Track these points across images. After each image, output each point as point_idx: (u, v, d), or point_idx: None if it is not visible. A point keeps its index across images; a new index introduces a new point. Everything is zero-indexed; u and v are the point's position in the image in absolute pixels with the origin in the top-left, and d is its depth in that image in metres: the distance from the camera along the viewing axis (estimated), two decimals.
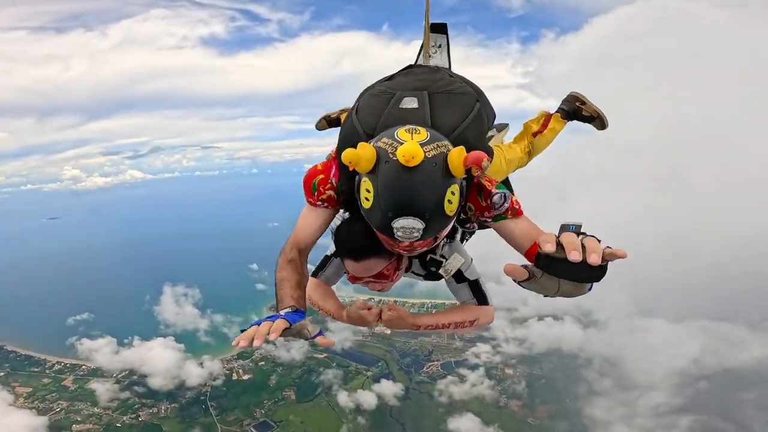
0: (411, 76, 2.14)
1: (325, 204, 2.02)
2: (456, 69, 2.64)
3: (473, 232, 2.71)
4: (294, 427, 40.30)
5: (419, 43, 3.17)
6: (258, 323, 1.45)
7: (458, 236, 2.50)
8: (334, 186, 1.98)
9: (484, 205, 1.89)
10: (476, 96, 2.05)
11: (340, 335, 48.69)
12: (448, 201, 1.57)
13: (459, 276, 2.38)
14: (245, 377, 47.90)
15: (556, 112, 3.23)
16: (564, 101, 3.27)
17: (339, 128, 2.22)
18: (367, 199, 1.62)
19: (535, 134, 3.11)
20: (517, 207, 1.93)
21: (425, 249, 1.94)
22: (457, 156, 1.52)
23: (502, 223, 1.93)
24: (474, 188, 1.89)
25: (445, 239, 2.27)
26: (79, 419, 40.94)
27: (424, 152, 1.51)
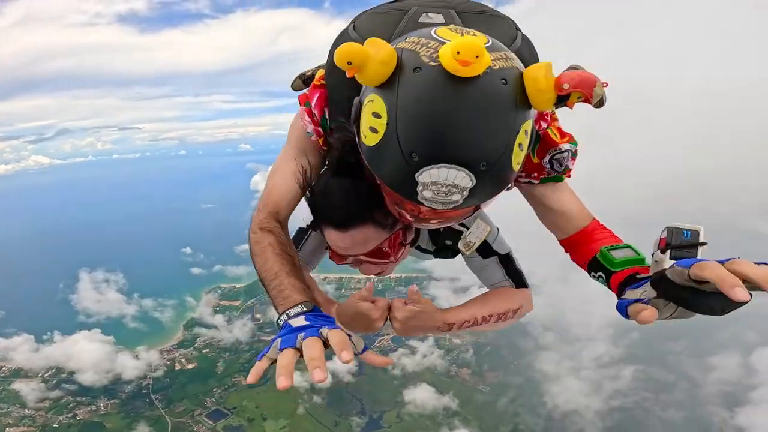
0: None
1: (312, 133, 1.43)
2: None
3: None
4: (249, 413, 39.46)
5: None
6: (291, 343, 0.93)
7: None
8: (317, 119, 1.39)
9: (536, 161, 1.33)
10: (515, 23, 1.42)
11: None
12: (519, 146, 0.96)
13: (485, 249, 1.66)
14: (189, 366, 46.02)
15: None
16: None
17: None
18: (373, 131, 0.98)
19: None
20: (570, 170, 1.41)
21: (455, 222, 1.38)
22: (543, 72, 0.93)
23: (549, 188, 1.42)
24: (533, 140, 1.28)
25: None
26: (10, 422, 38.49)
27: (491, 58, 0.90)
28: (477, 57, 0.85)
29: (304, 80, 2.48)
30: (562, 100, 1.02)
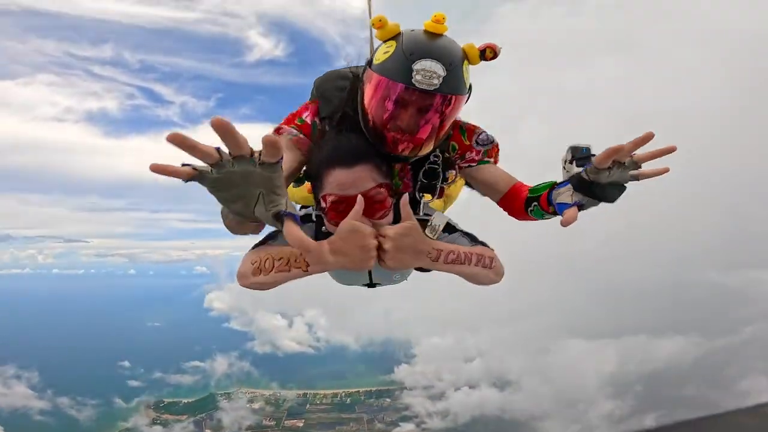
0: None
1: (297, 133, 1.76)
2: None
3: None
4: None
5: None
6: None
7: (437, 190, 1.97)
8: (308, 123, 1.79)
9: (468, 143, 1.86)
10: None
11: None
12: (465, 69, 1.58)
13: (450, 228, 1.82)
14: None
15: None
16: None
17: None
18: (385, 52, 1.57)
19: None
20: (496, 153, 1.92)
21: (429, 140, 1.66)
22: (471, 45, 1.60)
23: (485, 168, 1.89)
24: (457, 129, 1.86)
25: (424, 202, 1.85)
26: None
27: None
28: (443, 19, 1.56)
29: None
30: (482, 56, 1.61)
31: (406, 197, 1.49)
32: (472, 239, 1.81)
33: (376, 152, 1.61)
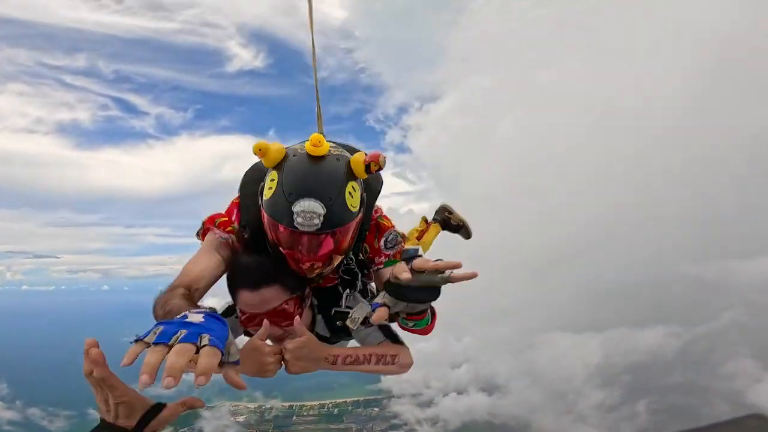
0: None
1: (226, 237, 1.86)
2: None
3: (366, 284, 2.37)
4: None
5: None
6: (166, 338, 0.90)
7: (359, 285, 2.12)
8: (235, 230, 1.90)
9: (377, 247, 1.90)
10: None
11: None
12: (349, 193, 1.60)
13: (368, 321, 1.91)
14: None
15: (432, 221, 3.48)
16: (436, 212, 3.53)
17: None
18: (270, 188, 1.61)
19: (419, 237, 3.33)
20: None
21: (327, 265, 1.74)
22: (357, 157, 1.63)
23: (387, 268, 1.88)
24: (372, 228, 1.91)
25: (349, 291, 2.02)
26: None
27: (330, 148, 1.64)
28: (320, 143, 1.58)
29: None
30: (368, 170, 1.63)
31: (297, 319, 1.71)
32: (386, 334, 2.01)
33: (284, 270, 1.71)
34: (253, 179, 1.90)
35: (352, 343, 2.18)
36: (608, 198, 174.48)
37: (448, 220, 3.50)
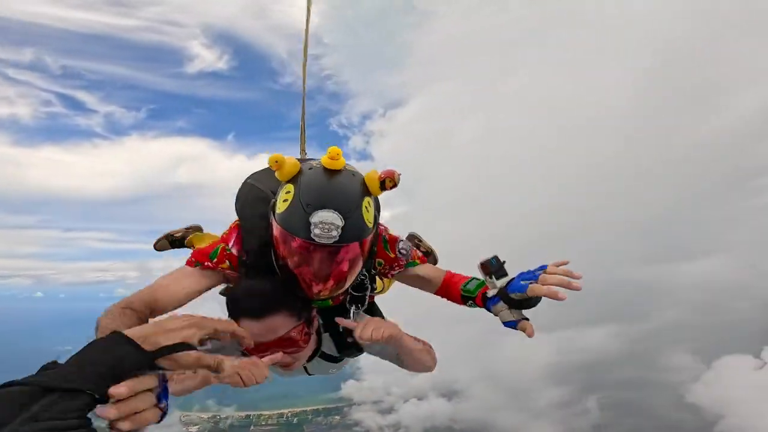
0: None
1: (221, 268, 1.84)
2: None
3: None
4: None
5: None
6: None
7: (366, 301, 2.08)
8: (234, 255, 1.86)
9: (393, 256, 1.98)
10: None
11: None
12: (365, 208, 1.61)
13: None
14: None
15: None
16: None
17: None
18: (285, 201, 1.59)
19: None
20: (420, 254, 2.12)
21: (338, 288, 1.73)
22: (372, 174, 1.64)
23: (414, 269, 2.06)
24: (381, 243, 1.96)
25: (356, 306, 1.98)
26: None
27: (345, 165, 1.65)
28: (338, 156, 1.60)
29: (172, 242, 2.89)
30: (383, 186, 1.66)
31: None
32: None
33: (291, 293, 1.70)
34: (249, 201, 1.92)
35: (360, 358, 2.30)
36: (559, 201, 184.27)
37: (418, 248, 3.74)
